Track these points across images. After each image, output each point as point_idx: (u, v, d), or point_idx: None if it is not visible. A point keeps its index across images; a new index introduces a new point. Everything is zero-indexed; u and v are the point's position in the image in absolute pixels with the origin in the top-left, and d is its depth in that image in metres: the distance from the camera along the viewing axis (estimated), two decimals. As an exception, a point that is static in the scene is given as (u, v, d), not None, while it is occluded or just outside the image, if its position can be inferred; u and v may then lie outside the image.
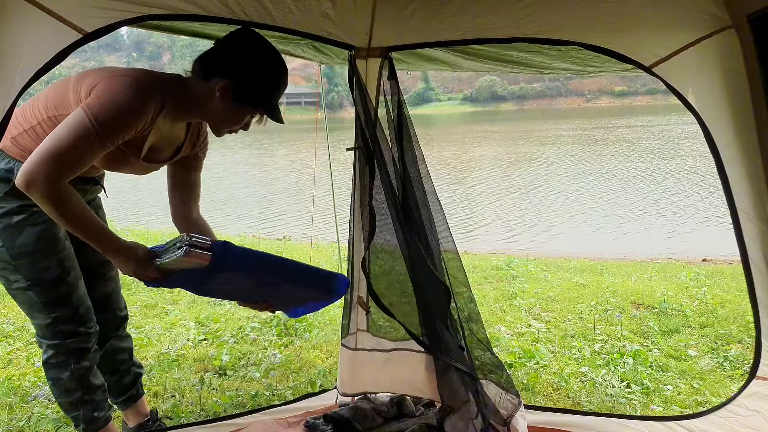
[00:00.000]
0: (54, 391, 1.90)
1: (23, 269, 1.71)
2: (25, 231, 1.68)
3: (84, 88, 1.57)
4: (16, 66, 1.26)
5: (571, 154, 19.62)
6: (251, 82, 1.60)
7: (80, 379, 1.85)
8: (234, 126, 1.70)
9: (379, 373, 2.38)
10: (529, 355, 3.12)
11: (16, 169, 1.60)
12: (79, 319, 1.82)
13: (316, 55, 2.35)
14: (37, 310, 1.77)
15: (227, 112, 1.65)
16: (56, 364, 1.83)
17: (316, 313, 3.90)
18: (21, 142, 1.64)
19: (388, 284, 2.08)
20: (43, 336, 1.82)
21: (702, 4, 1.66)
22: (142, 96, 1.53)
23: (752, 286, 1.95)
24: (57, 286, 1.76)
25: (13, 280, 1.73)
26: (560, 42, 1.86)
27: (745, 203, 1.83)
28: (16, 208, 1.67)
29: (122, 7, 1.41)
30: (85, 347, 1.85)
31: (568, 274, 5.44)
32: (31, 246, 1.69)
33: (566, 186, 13.20)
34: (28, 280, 1.72)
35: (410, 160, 2.00)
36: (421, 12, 1.83)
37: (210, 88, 1.61)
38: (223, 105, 1.62)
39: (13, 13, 1.23)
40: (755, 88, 1.62)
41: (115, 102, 1.49)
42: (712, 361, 3.14)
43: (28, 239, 1.69)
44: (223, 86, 1.59)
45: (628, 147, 21.02)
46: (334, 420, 2.26)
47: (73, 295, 1.80)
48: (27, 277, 1.72)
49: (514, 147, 22.76)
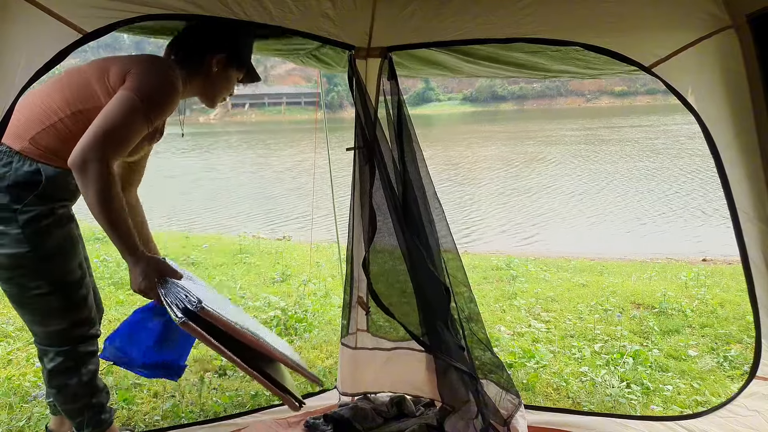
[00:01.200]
0: (59, 399, 1.85)
1: (47, 274, 1.67)
2: (54, 234, 1.66)
3: (113, 77, 1.61)
4: (16, 66, 1.27)
5: (573, 153, 19.61)
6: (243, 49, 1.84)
7: (88, 383, 1.83)
8: (229, 92, 1.90)
9: (380, 373, 2.38)
10: (529, 355, 3.12)
11: (43, 170, 1.60)
12: (91, 322, 1.82)
13: (316, 64, 2.36)
14: (55, 315, 1.73)
15: (223, 81, 1.85)
16: (64, 371, 1.79)
17: (316, 314, 3.90)
18: (41, 142, 1.61)
19: (388, 284, 2.08)
20: (52, 343, 1.78)
21: (702, 4, 1.66)
22: (178, 76, 1.68)
23: (752, 286, 1.95)
24: (78, 288, 1.75)
25: (33, 286, 1.67)
26: (560, 42, 1.86)
27: (745, 203, 1.83)
28: (45, 211, 1.64)
29: (122, 7, 1.41)
30: (92, 350, 1.84)
31: (568, 274, 5.44)
32: (58, 249, 1.68)
33: (567, 186, 13.19)
34: (51, 285, 1.68)
35: (410, 160, 2.00)
36: (421, 12, 1.83)
37: (206, 64, 1.78)
38: (219, 75, 1.81)
39: (13, 13, 1.23)
40: (755, 88, 1.62)
41: (159, 82, 1.62)
42: (712, 361, 3.14)
43: (55, 242, 1.67)
44: (220, 59, 1.78)
45: (632, 147, 21.01)
46: (334, 420, 2.26)
47: (89, 297, 1.80)
48: (50, 281, 1.68)
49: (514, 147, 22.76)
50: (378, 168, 1.96)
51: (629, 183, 13.25)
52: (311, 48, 2.17)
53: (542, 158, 18.79)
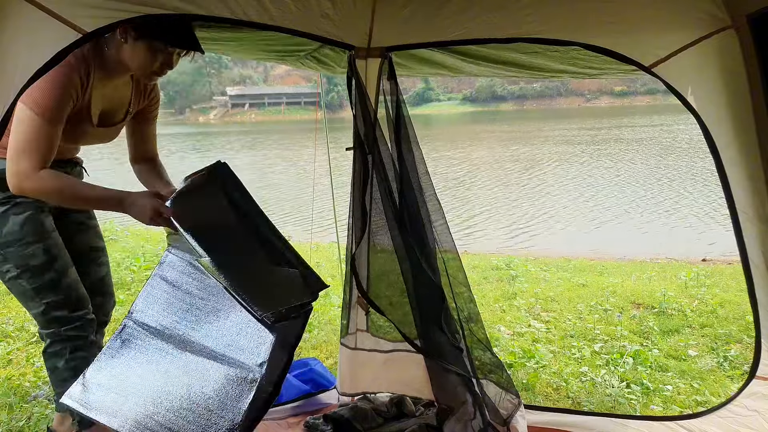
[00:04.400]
0: (51, 380, 1.95)
1: (12, 257, 1.80)
2: (11, 220, 1.79)
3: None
4: (15, 66, 1.27)
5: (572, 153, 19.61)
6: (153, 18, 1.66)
7: (75, 369, 1.85)
8: (151, 67, 1.76)
9: (379, 374, 2.38)
10: (529, 355, 3.12)
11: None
12: (72, 305, 1.87)
13: (317, 66, 2.37)
14: (30, 297, 1.84)
15: (138, 54, 1.73)
16: (54, 353, 1.89)
17: (316, 314, 3.90)
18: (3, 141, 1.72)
19: (389, 284, 2.09)
20: (41, 326, 1.90)
21: (702, 5, 1.66)
22: (63, 70, 1.65)
23: (752, 286, 1.95)
24: (44, 271, 1.83)
25: (4, 270, 1.82)
26: (560, 42, 1.85)
27: (745, 203, 1.83)
28: (2, 199, 1.78)
29: (122, 7, 1.41)
30: (80, 335, 1.88)
31: (568, 274, 5.44)
32: (17, 234, 1.79)
33: (567, 186, 13.19)
34: (17, 268, 1.81)
35: (409, 161, 2.00)
36: (421, 12, 1.83)
37: (116, 37, 1.71)
38: (130, 47, 1.72)
39: (13, 13, 1.23)
40: (755, 88, 1.62)
41: (43, 85, 1.61)
42: (711, 361, 3.14)
43: (13, 227, 1.79)
44: (123, 28, 1.67)
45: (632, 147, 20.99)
46: (334, 420, 2.26)
47: (62, 280, 1.86)
48: (16, 265, 1.81)
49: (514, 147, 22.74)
50: (375, 168, 1.96)
51: (629, 183, 13.25)
52: (310, 49, 2.17)
53: (542, 158, 18.78)
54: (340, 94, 55.11)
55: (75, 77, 1.70)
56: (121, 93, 1.93)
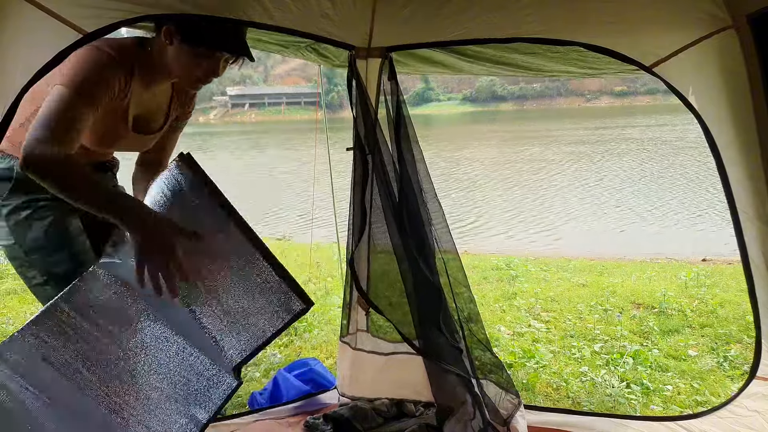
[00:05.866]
0: None
1: (37, 264, 1.71)
2: (34, 225, 1.69)
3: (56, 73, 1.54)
4: (16, 66, 1.27)
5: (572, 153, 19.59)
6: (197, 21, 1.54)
7: None
8: (196, 73, 1.63)
9: (378, 377, 2.37)
10: (529, 355, 3.12)
11: (15, 165, 1.63)
12: None
13: (317, 58, 2.36)
14: None
15: (182, 58, 1.60)
16: None
17: (316, 314, 3.90)
18: (16, 139, 1.64)
19: (389, 284, 2.08)
20: None
21: (702, 4, 1.65)
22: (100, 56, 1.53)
23: (752, 286, 1.95)
24: (70, 279, 1.72)
25: (30, 276, 1.73)
26: (560, 42, 1.85)
27: (745, 203, 1.82)
28: (21, 204, 1.67)
29: (122, 7, 1.41)
30: None
31: (568, 274, 5.44)
32: (41, 241, 1.69)
33: (566, 186, 13.19)
34: (43, 275, 1.72)
35: (409, 161, 2.00)
36: (421, 12, 1.82)
37: (160, 39, 1.58)
38: (175, 51, 1.58)
39: (13, 13, 1.23)
40: (755, 88, 1.62)
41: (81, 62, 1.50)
42: (711, 361, 3.14)
43: (37, 233, 1.69)
44: (167, 29, 1.55)
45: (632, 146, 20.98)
46: (334, 420, 2.26)
47: None
48: (41, 272, 1.72)
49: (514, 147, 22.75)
50: (375, 168, 1.96)
51: (629, 183, 13.24)
52: (311, 41, 2.15)
53: (542, 158, 18.77)
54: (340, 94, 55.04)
55: (117, 68, 1.56)
56: (159, 99, 1.82)
